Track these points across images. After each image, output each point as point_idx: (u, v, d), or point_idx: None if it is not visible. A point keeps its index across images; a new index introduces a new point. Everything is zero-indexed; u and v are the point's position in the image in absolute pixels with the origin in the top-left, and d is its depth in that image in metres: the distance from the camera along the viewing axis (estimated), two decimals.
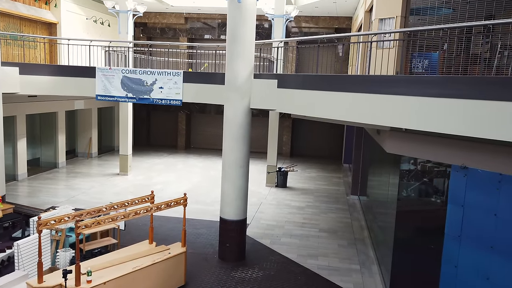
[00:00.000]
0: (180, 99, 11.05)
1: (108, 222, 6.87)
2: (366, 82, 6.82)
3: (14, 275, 6.88)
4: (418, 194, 7.84)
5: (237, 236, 9.34)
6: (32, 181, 15.31)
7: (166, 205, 7.72)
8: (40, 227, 6.44)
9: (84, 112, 19.66)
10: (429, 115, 5.73)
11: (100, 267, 7.06)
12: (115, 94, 11.27)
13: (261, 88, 8.91)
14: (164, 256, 7.73)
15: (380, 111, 6.45)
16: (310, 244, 10.53)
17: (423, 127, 5.90)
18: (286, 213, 12.96)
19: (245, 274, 8.78)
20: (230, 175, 9.16)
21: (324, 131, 22.95)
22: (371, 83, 6.73)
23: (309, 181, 17.35)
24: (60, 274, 6.79)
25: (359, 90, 6.83)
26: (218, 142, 23.94)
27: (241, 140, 9.02)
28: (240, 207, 9.28)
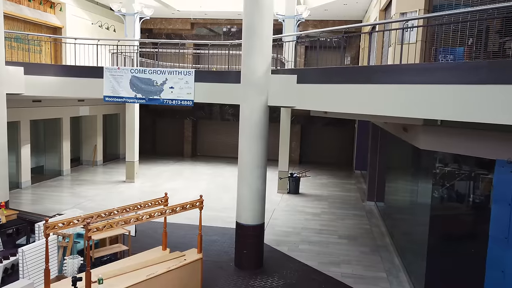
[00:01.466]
0: (192, 100, 10.58)
1: (120, 225, 6.33)
2: (397, 71, 6.34)
3: (19, 284, 6.32)
4: (454, 196, 7.28)
5: (255, 242, 8.77)
6: (36, 188, 14.78)
7: (181, 207, 7.18)
8: (47, 231, 5.90)
9: (89, 118, 19.23)
10: (469, 104, 5.23)
11: (111, 275, 6.50)
12: (123, 95, 10.81)
13: (279, 84, 8.43)
14: (179, 263, 7.16)
15: (414, 102, 5.96)
16: (330, 251, 9.93)
17: (463, 117, 5.41)
18: (302, 219, 12.39)
19: (264, 282, 8.19)
20: (246, 176, 8.63)
21: (334, 138, 22.45)
22: (404, 72, 6.24)
23: (321, 187, 16.78)
24: (69, 283, 6.23)
25: (388, 81, 6.35)
26: (225, 150, 23.49)
27: (258, 140, 8.51)
28: (257, 211, 8.72)
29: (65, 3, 16.16)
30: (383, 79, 6.44)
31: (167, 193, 7.90)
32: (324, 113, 8.92)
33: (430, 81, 5.76)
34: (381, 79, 6.47)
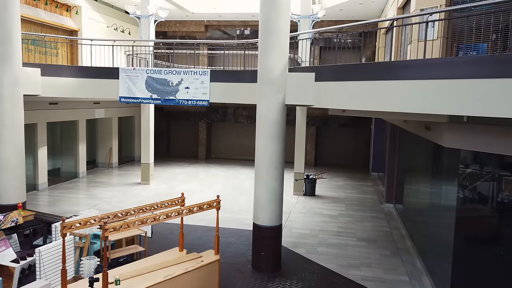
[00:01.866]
0: (207, 100, 10.48)
1: (137, 225, 6.22)
2: (422, 66, 6.11)
3: (36, 285, 6.25)
4: (480, 197, 6.99)
5: (273, 244, 8.58)
6: (53, 190, 14.86)
7: (198, 208, 7.06)
8: (64, 231, 5.82)
9: (105, 121, 19.33)
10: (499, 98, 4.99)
11: (128, 275, 6.40)
12: (139, 96, 10.77)
13: (297, 82, 8.26)
14: (196, 264, 7.03)
15: (440, 98, 5.73)
16: (349, 254, 9.68)
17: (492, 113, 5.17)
18: (319, 221, 12.15)
19: (282, 285, 8.00)
20: (263, 177, 8.47)
21: (349, 139, 22.15)
22: (429, 66, 6.01)
23: (337, 189, 16.50)
24: (85, 283, 6.14)
25: (413, 77, 6.13)
26: (240, 152, 23.37)
27: (275, 139, 8.34)
28: (275, 212, 8.54)
29: (81, 7, 16.30)
30: (406, 74, 6.23)
31: (183, 193, 7.79)
32: (342, 111, 8.72)
33: (458, 76, 5.54)
34: (405, 74, 6.26)
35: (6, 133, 9.26)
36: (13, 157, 9.37)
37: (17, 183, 9.46)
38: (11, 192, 9.39)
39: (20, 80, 9.40)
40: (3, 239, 6.84)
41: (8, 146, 9.31)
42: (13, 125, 9.32)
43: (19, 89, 9.36)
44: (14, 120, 9.33)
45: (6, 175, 9.34)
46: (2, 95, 9.13)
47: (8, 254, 6.83)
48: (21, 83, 9.44)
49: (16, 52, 9.26)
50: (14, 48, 9.23)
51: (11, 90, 9.21)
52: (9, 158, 9.35)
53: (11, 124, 9.29)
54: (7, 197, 9.39)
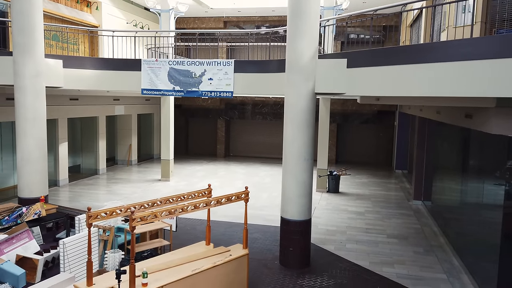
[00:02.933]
0: (231, 91, 10.17)
1: (165, 215, 5.92)
2: (468, 45, 5.66)
3: (59, 278, 6.02)
4: None
5: (301, 239, 8.20)
6: (73, 186, 14.77)
7: (227, 199, 6.73)
8: (90, 220, 5.56)
9: (124, 118, 19.24)
10: None
11: (155, 269, 6.10)
12: (161, 88, 10.53)
13: (328, 69, 7.87)
14: (224, 258, 6.69)
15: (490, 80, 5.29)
16: (381, 251, 9.23)
17: None
18: (345, 218, 11.71)
19: (313, 282, 7.60)
20: (292, 169, 8.09)
21: (371, 136, 21.59)
22: (478, 45, 5.56)
23: (361, 186, 16.01)
24: (111, 276, 5.87)
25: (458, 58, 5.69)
26: (259, 150, 23.02)
27: (305, 129, 7.97)
28: (304, 206, 8.16)
29: (101, 2, 16.22)
30: (450, 56, 5.78)
31: (210, 184, 7.47)
32: (376, 99, 8.29)
33: None
34: (449, 56, 5.81)
35: (28, 126, 9.11)
36: (35, 150, 9.21)
37: (39, 176, 9.30)
38: (33, 185, 9.23)
39: (42, 72, 9.25)
40: (26, 231, 6.64)
41: (30, 139, 9.16)
42: (35, 117, 9.16)
43: (41, 81, 9.21)
44: (36, 113, 9.18)
45: (28, 168, 9.18)
46: (24, 86, 8.99)
47: (31, 246, 6.63)
48: (43, 75, 9.29)
49: (38, 42, 9.11)
50: (36, 39, 9.08)
51: (33, 81, 9.06)
52: (31, 151, 9.20)
53: (33, 117, 9.13)
54: (29, 190, 9.23)
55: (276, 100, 21.49)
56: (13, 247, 6.41)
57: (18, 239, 6.50)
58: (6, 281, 5.91)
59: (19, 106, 9.07)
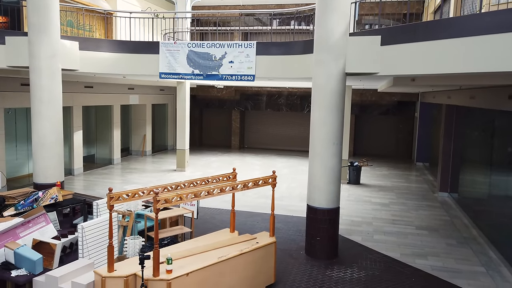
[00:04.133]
0: (253, 74, 9.72)
1: (190, 198, 5.53)
2: None
3: (78, 264, 5.67)
4: None
5: (329, 229, 7.75)
6: (88, 175, 14.50)
7: (254, 183, 6.31)
8: (111, 202, 5.18)
9: (138, 108, 18.95)
10: None
11: (178, 256, 5.71)
12: (180, 71, 10.13)
13: (360, 47, 7.37)
14: (251, 246, 6.28)
15: None
16: (411, 243, 8.74)
17: None
18: (369, 209, 11.22)
19: (343, 273, 7.16)
20: (320, 153, 7.64)
21: (390, 128, 20.99)
22: None
23: (382, 178, 15.48)
24: (133, 262, 5.50)
25: None
26: (275, 142, 22.55)
27: (334, 111, 7.50)
28: (332, 193, 7.71)
29: None
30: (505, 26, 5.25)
31: (235, 168, 7.06)
32: (411, 80, 7.77)
33: None
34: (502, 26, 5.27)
35: (43, 108, 8.78)
36: (50, 134, 8.90)
37: (55, 161, 8.99)
38: (48, 170, 8.92)
39: (58, 53, 8.91)
40: (43, 214, 6.31)
41: (46, 122, 8.84)
42: (51, 100, 8.84)
43: (56, 62, 8.87)
44: (52, 95, 8.85)
45: (43, 152, 8.87)
46: (40, 67, 8.66)
47: (48, 231, 6.29)
48: (59, 56, 8.95)
49: (53, 22, 8.77)
50: (52, 19, 8.74)
51: (49, 62, 8.73)
52: (46, 135, 8.88)
53: (49, 99, 8.81)
54: (44, 176, 8.92)
55: (292, 91, 21.00)
56: (29, 231, 6.08)
57: (35, 223, 6.18)
58: (22, 266, 5.58)
59: (35, 88, 8.75)
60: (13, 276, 5.51)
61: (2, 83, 11.63)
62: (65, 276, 5.36)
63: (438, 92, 13.54)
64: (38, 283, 5.47)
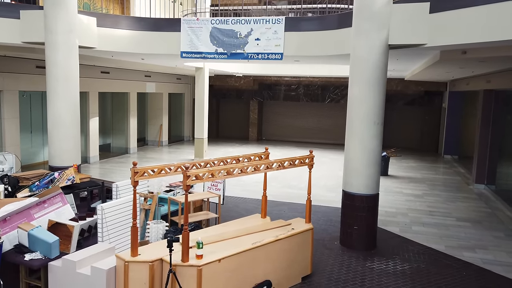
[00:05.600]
0: (281, 52, 9.07)
1: (222, 175, 4.92)
2: None
3: (98, 248, 5.11)
4: None
5: (368, 217, 7.07)
6: (104, 164, 14.05)
7: (290, 162, 5.67)
8: (136, 177, 4.60)
9: (155, 96, 18.45)
10: None
11: (208, 241, 5.11)
12: (202, 50, 9.53)
13: (405, 16, 6.65)
14: (287, 232, 5.65)
15: None
16: (454, 235, 8.02)
17: None
18: (402, 200, 10.49)
19: (385, 266, 6.48)
20: (359, 134, 6.95)
21: (415, 120, 20.11)
22: None
23: (411, 170, 14.69)
24: (158, 247, 4.93)
25: None
26: (294, 134, 21.85)
27: (376, 87, 6.81)
28: (372, 178, 7.03)
29: None
30: None
31: (267, 147, 6.43)
32: (462, 53, 7.03)
33: None
34: None
35: (60, 86, 8.27)
36: (66, 114, 8.38)
37: (71, 143, 8.47)
38: (64, 153, 8.41)
39: (75, 28, 8.38)
40: (59, 194, 5.78)
41: (62, 102, 8.32)
42: (68, 78, 8.32)
43: (74, 38, 8.34)
44: (69, 72, 8.33)
45: (59, 134, 8.36)
46: (56, 42, 8.14)
47: (65, 212, 5.75)
48: (76, 32, 8.42)
49: None
50: None
51: (66, 38, 8.20)
52: (62, 115, 8.36)
53: (66, 77, 8.29)
54: (60, 159, 8.42)
55: (313, 81, 20.27)
56: (45, 212, 5.55)
57: (50, 203, 5.65)
58: (37, 249, 5.05)
59: (50, 65, 8.24)
60: (26, 260, 4.97)
61: (17, 65, 11.21)
62: (84, 261, 4.80)
63: (474, 78, 12.70)
64: (54, 268, 4.93)
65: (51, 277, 4.96)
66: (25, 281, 5.19)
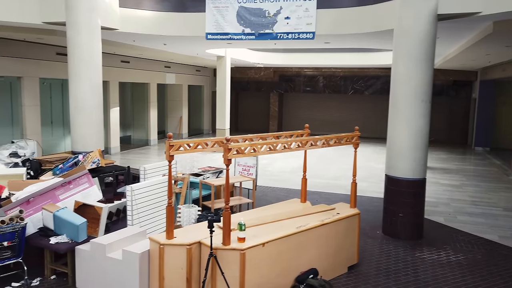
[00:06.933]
0: (313, 31, 8.52)
1: (265, 150, 4.43)
2: None
3: (128, 231, 4.68)
4: None
5: (414, 204, 6.50)
6: (125, 155, 13.73)
7: (336, 139, 5.16)
8: (171, 151, 4.14)
9: (174, 88, 18.09)
10: None
11: (248, 224, 4.62)
12: (229, 31, 9.05)
13: None
14: (332, 216, 5.13)
15: None
16: (505, 224, 7.40)
17: None
18: (441, 190, 9.87)
19: (437, 256, 5.90)
20: (405, 113, 6.39)
21: (443, 110, 19.29)
22: None
23: (443, 161, 14.01)
24: (193, 230, 4.48)
25: None
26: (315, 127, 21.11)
27: (423, 61, 6.23)
28: (419, 161, 6.45)
29: None
30: None
31: (307, 125, 5.92)
32: None
33: None
34: None
35: (82, 68, 7.88)
36: (90, 98, 7.99)
37: (94, 127, 8.09)
38: (87, 138, 8.02)
39: (97, 7, 7.99)
40: (86, 175, 5.38)
41: (85, 84, 7.93)
42: (90, 59, 7.93)
43: (96, 17, 7.95)
44: (92, 54, 7.94)
45: (82, 118, 7.95)
46: (78, 22, 7.76)
47: (92, 193, 5.36)
48: (98, 11, 8.03)
49: None
50: None
51: (88, 17, 7.81)
52: (85, 99, 7.97)
53: (88, 58, 7.90)
54: (83, 144, 8.03)
55: (335, 71, 19.65)
56: (70, 194, 5.16)
57: (76, 184, 5.25)
58: (63, 232, 4.65)
59: (73, 46, 7.86)
60: (52, 243, 4.58)
61: (37, 51, 10.93)
62: (114, 244, 4.38)
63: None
64: (81, 253, 4.52)
65: (78, 262, 4.55)
66: (50, 267, 4.79)
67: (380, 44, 10.62)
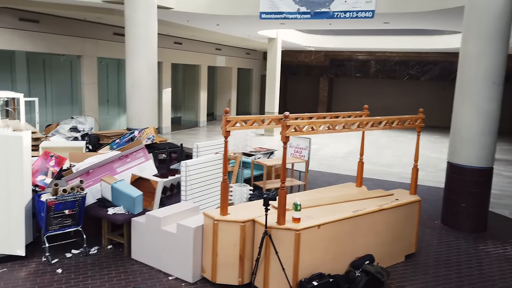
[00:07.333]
0: (372, 10, 8.10)
1: (324, 129, 4.25)
2: None
3: (182, 206, 4.72)
4: None
5: (479, 194, 6.05)
6: (176, 135, 14.02)
7: (398, 121, 4.86)
8: (227, 127, 4.07)
9: (224, 71, 18.15)
10: None
11: (303, 205, 4.48)
12: (283, 10, 8.83)
13: None
14: (391, 202, 4.87)
15: None
16: None
17: None
18: (504, 182, 9.22)
19: (503, 250, 5.48)
20: (474, 94, 5.92)
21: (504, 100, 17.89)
22: None
23: (505, 152, 13.18)
24: (246, 208, 4.41)
25: None
26: None
27: (497, 41, 5.71)
28: (487, 148, 5.98)
29: None
30: None
31: (367, 106, 5.63)
32: None
33: None
34: None
35: (139, 46, 8.02)
36: (146, 75, 8.10)
37: (149, 105, 8.22)
38: (143, 115, 8.21)
39: None
40: (142, 149, 5.48)
41: (141, 63, 8.08)
42: (147, 37, 8.05)
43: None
44: (148, 32, 8.05)
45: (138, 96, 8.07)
46: (136, 0, 7.87)
47: (148, 168, 5.46)
48: None
49: None
50: None
51: None
52: (141, 76, 7.98)
53: (145, 36, 8.02)
54: (138, 121, 8.23)
55: (390, 56, 18.80)
56: (127, 167, 5.28)
57: (133, 158, 5.37)
58: (120, 203, 4.77)
59: (130, 24, 8.01)
60: (109, 214, 4.71)
61: (95, 30, 11.29)
62: (169, 218, 4.42)
63: None
64: (137, 224, 4.61)
65: (134, 234, 4.65)
66: (108, 237, 4.95)
67: (442, 24, 9.95)
